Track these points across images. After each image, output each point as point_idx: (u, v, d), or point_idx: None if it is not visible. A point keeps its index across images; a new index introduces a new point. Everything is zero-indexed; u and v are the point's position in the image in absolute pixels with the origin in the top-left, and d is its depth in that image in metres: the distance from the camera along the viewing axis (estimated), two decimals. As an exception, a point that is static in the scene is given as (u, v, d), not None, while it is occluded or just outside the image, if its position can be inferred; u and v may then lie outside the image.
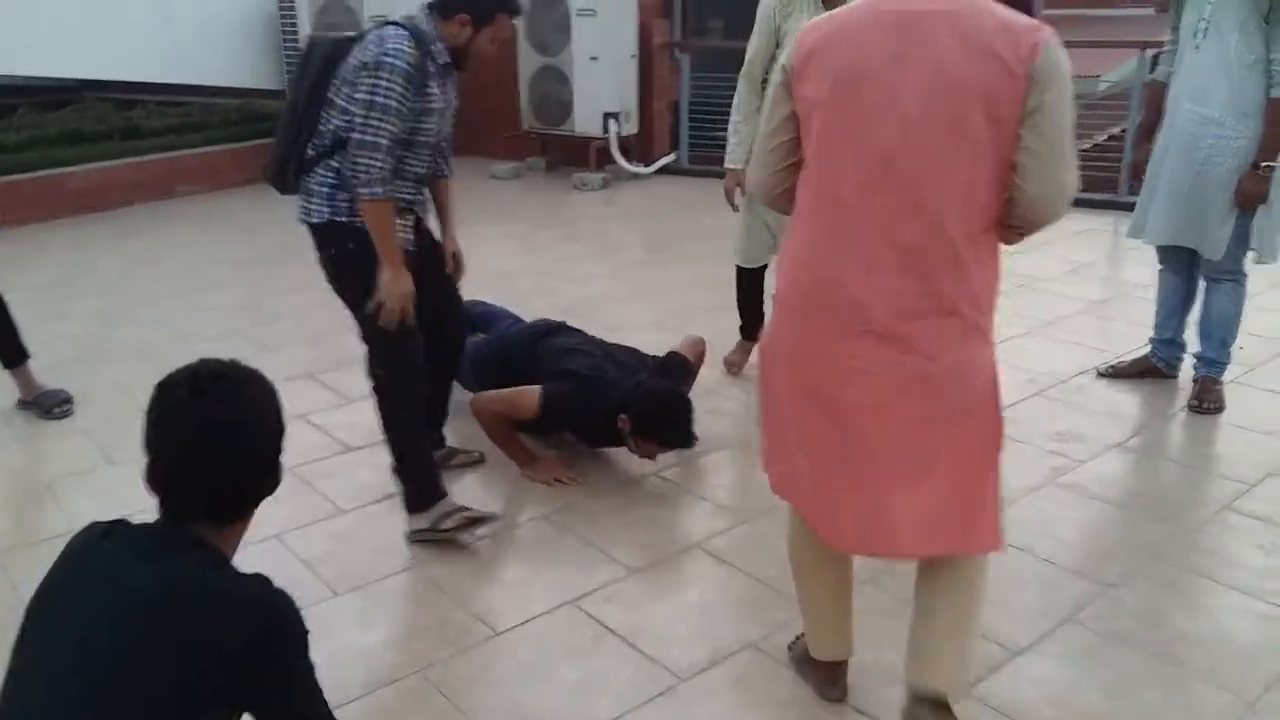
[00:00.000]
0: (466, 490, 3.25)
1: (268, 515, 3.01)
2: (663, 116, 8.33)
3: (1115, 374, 3.89)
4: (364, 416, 3.78)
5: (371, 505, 3.18)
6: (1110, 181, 6.81)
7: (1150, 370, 3.84)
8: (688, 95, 8.19)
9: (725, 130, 3.89)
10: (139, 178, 7.37)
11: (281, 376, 4.19)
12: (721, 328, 4.48)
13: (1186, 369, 3.79)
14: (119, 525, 1.52)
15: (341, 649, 2.49)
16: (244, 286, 5.56)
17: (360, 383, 4.12)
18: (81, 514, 3.08)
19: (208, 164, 7.82)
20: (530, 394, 3.26)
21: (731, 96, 3.88)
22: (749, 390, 3.93)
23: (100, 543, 1.49)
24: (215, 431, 1.47)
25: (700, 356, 3.70)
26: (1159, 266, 3.80)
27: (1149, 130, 3.66)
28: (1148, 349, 3.88)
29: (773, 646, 2.45)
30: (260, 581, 1.46)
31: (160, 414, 1.49)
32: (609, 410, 3.19)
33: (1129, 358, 3.95)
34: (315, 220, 2.88)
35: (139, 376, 4.19)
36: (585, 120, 7.70)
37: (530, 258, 5.87)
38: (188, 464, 1.47)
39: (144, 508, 1.53)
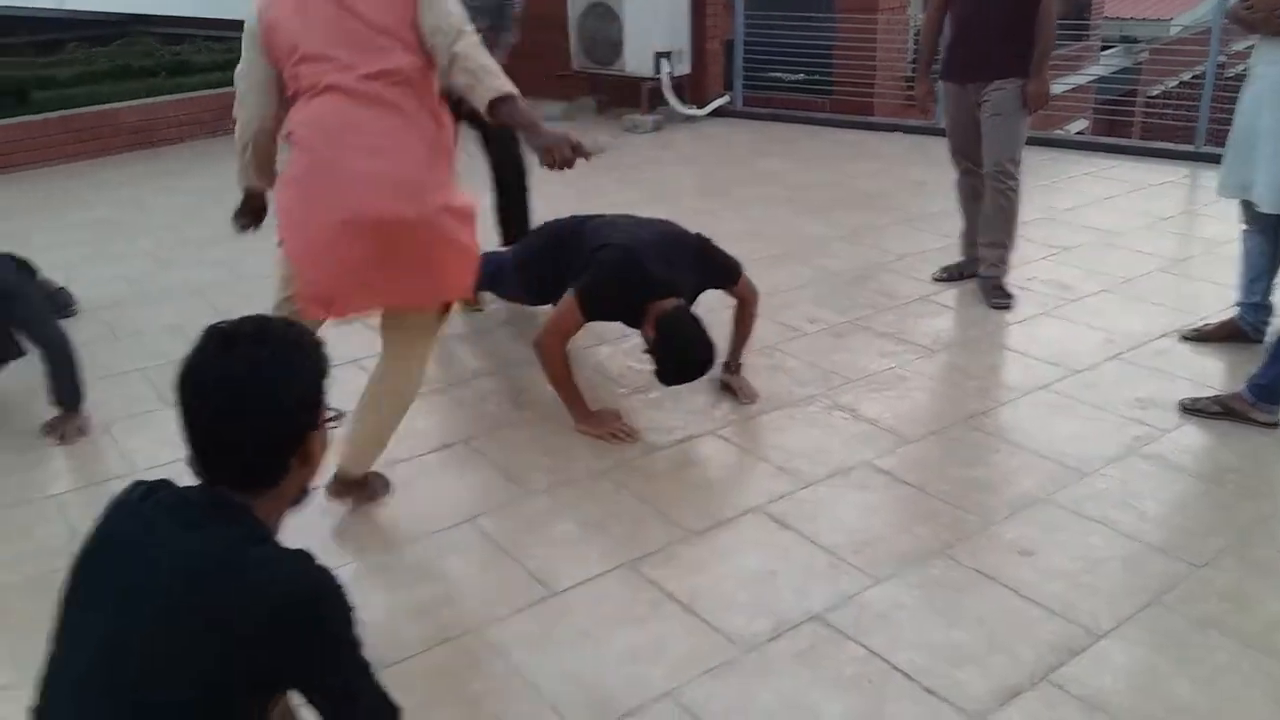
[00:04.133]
0: (523, 446, 3.18)
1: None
2: (716, 56, 8.09)
3: (1200, 338, 3.71)
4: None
5: (428, 455, 3.13)
6: (1187, 132, 6.51)
7: (1237, 334, 3.65)
8: (742, 34, 7.94)
9: (781, 70, 3.70)
10: (190, 114, 7.32)
11: (333, 323, 4.14)
12: (780, 278, 4.35)
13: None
14: (161, 487, 1.44)
15: (398, 603, 2.45)
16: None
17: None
18: (139, 455, 3.11)
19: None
20: (566, 303, 3.19)
21: (787, 35, 3.67)
22: (810, 347, 3.81)
23: (141, 505, 1.42)
24: (236, 388, 1.39)
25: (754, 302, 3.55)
26: (1243, 226, 3.60)
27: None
28: (1234, 311, 3.69)
29: (840, 619, 2.36)
30: (301, 558, 1.38)
31: (185, 370, 1.42)
32: (641, 305, 3.15)
33: (1214, 321, 3.76)
34: None
35: (194, 317, 4.17)
36: (636, 60, 7.50)
37: (581, 202, 5.73)
38: (214, 427, 1.39)
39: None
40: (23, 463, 3.11)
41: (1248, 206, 3.47)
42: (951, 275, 4.36)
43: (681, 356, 3.10)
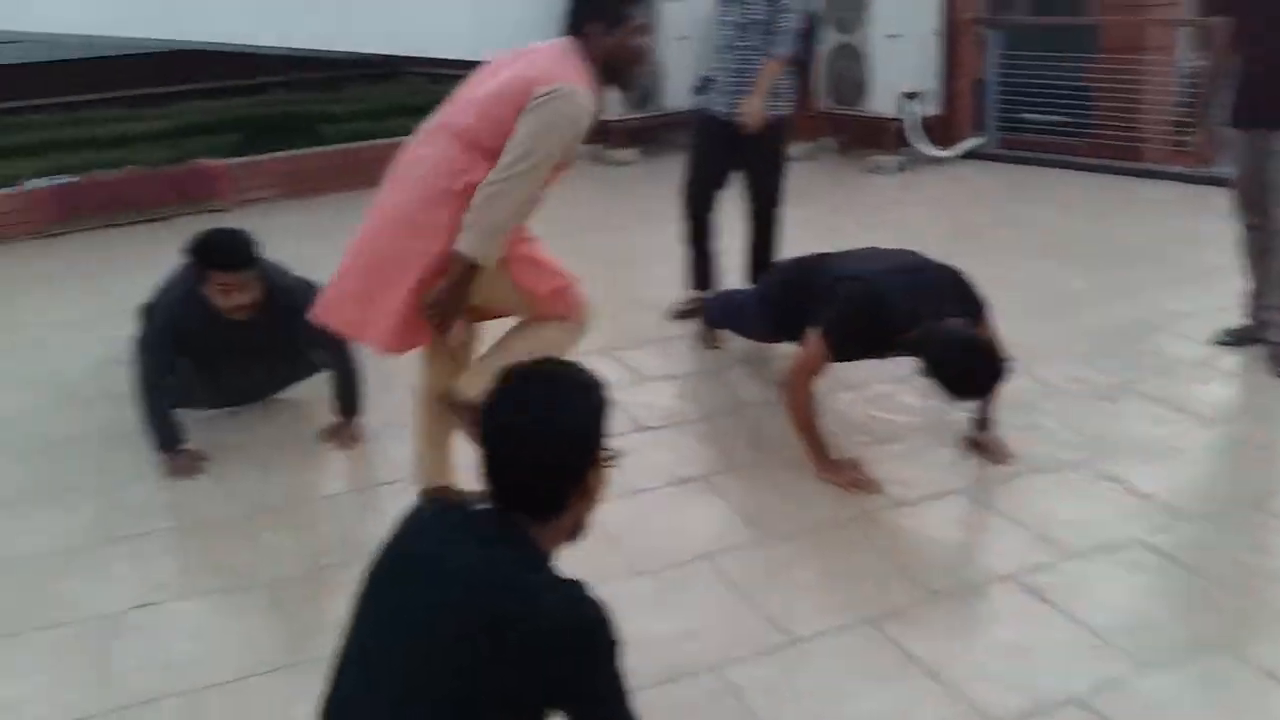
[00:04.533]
0: (762, 488, 3.16)
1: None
2: (966, 96, 7.84)
3: None
4: (661, 398, 3.81)
5: (667, 488, 3.17)
6: None
7: None
8: (995, 74, 7.66)
9: (1036, 112, 3.59)
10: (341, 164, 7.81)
11: (580, 352, 4.31)
12: (1036, 332, 4.12)
13: None
14: (454, 504, 1.56)
15: (637, 633, 2.44)
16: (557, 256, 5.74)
17: (656, 362, 4.20)
18: (404, 464, 3.32)
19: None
20: (812, 341, 3.13)
21: (1042, 74, 3.55)
22: (1071, 409, 3.58)
23: (435, 520, 1.53)
24: (527, 426, 1.48)
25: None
26: None
27: None
28: None
29: (1106, 706, 2.18)
30: (577, 588, 1.44)
31: (488, 404, 1.53)
32: (889, 337, 3.05)
33: None
34: None
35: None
36: (882, 100, 7.38)
37: (826, 246, 5.67)
38: (503, 454, 1.49)
39: (460, 462, 1.55)
40: (304, 464, 3.40)
41: None
42: (1235, 339, 3.98)
43: (966, 360, 2.89)
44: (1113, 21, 7.55)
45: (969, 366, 2.90)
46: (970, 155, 7.70)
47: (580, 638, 1.39)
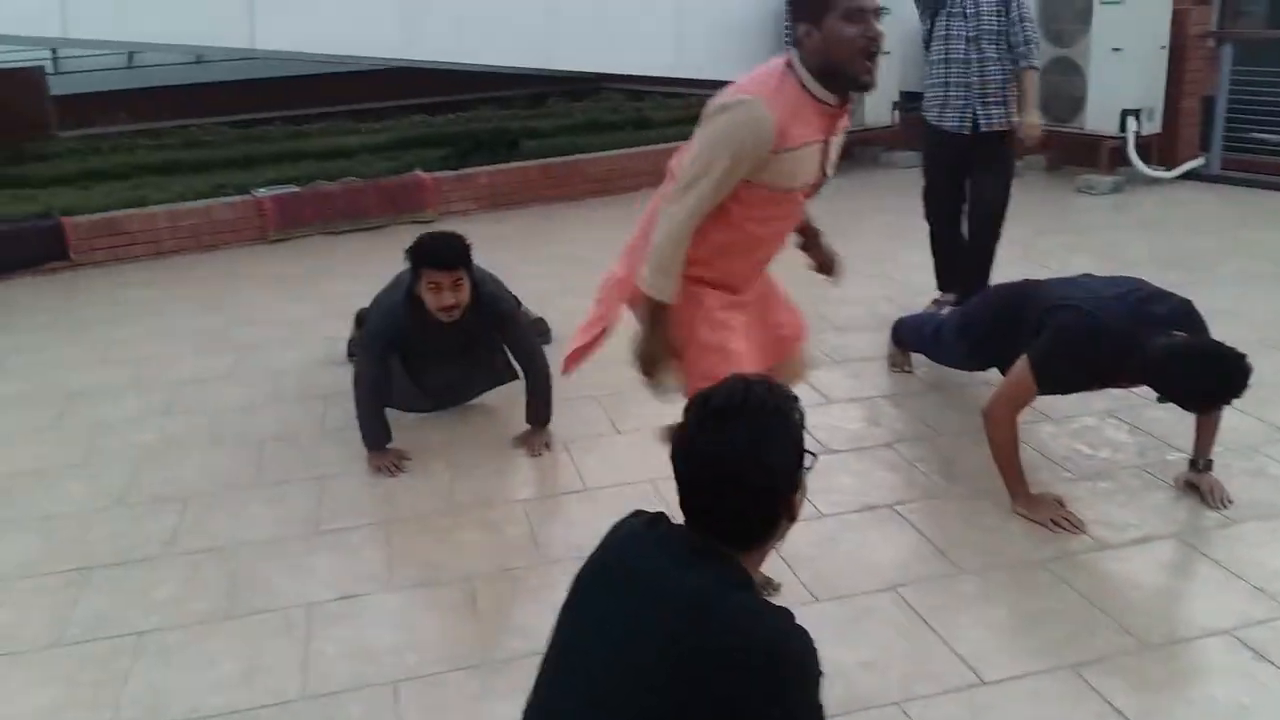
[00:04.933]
0: (952, 519, 3.05)
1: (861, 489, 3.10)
2: (1191, 115, 7.32)
3: None
4: (847, 421, 3.74)
5: (851, 514, 3.10)
6: None
7: None
8: (1226, 91, 7.11)
9: (1268, 131, 3.33)
10: (645, 165, 7.97)
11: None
12: (1267, 368, 3.79)
13: None
14: (661, 520, 1.56)
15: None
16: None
17: (844, 383, 4.13)
18: (590, 474, 3.41)
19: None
20: (1019, 371, 2.98)
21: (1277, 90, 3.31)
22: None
23: (645, 535, 1.54)
24: (727, 463, 1.44)
25: None
26: None
27: None
28: None
29: (1339, 782, 1.99)
30: (785, 616, 1.43)
31: (679, 436, 1.50)
32: (1105, 371, 2.90)
33: None
34: None
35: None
36: (1099, 117, 7.01)
37: (1031, 267, 5.43)
38: (697, 489, 1.47)
39: (643, 476, 1.57)
40: (497, 468, 3.53)
41: None
42: None
43: (1210, 364, 2.70)
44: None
45: (1215, 369, 2.68)
46: (1190, 176, 7.20)
47: (787, 667, 1.38)
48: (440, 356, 3.68)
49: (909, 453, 3.49)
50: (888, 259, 5.92)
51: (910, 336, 4.08)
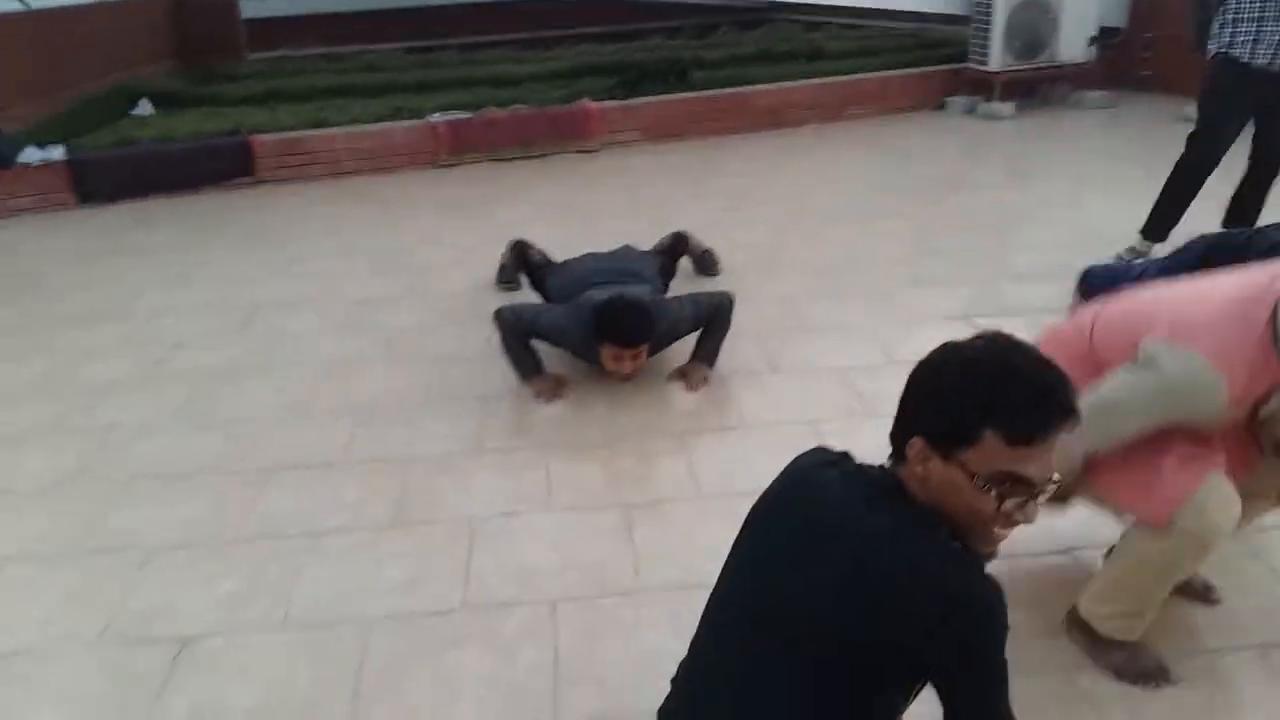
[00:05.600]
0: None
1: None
2: None
3: None
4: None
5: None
6: None
7: None
8: None
9: None
10: (817, 98, 7.75)
11: (941, 315, 4.11)
12: None
13: None
14: (846, 460, 1.53)
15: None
16: (912, 216, 5.54)
17: (1016, 333, 3.87)
18: (748, 411, 3.37)
19: (881, 89, 7.95)
20: None
21: None
22: None
23: (827, 473, 1.51)
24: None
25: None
26: None
27: None
28: None
29: None
30: (972, 567, 1.37)
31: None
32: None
33: None
34: None
35: (803, 291, 4.43)
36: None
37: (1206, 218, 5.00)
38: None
39: (802, 416, 1.51)
40: (654, 401, 3.53)
41: None
42: None
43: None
44: None
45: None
46: None
47: (968, 618, 1.33)
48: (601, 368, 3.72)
49: (1090, 410, 3.28)
50: (1075, 205, 5.57)
51: (1103, 287, 3.81)
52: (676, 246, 4.49)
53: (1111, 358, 1.98)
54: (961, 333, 4.10)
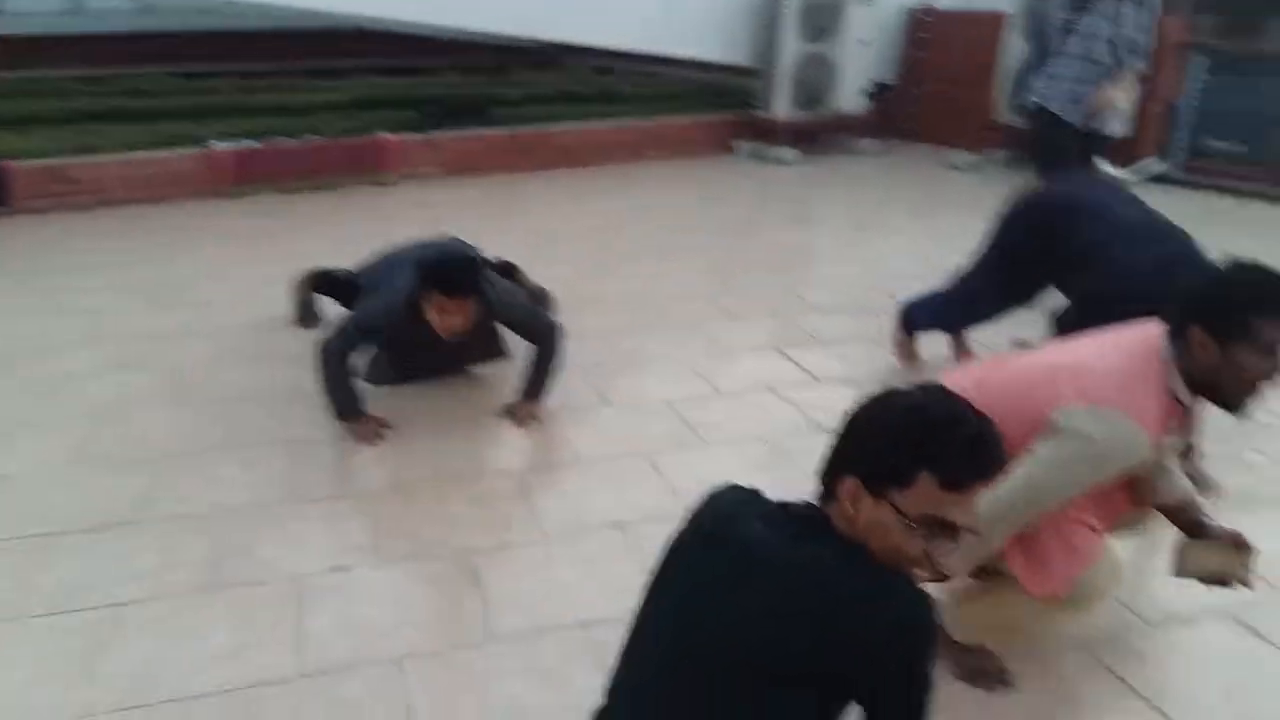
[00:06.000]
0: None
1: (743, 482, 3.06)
2: (1158, 120, 7.45)
3: None
4: (836, 399, 3.68)
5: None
6: None
7: None
8: (1193, 98, 7.27)
9: (1230, 140, 3.70)
10: (616, 140, 7.86)
11: (751, 346, 4.21)
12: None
13: None
14: (760, 496, 1.54)
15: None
16: (711, 254, 5.70)
17: (826, 363, 4.09)
18: (582, 446, 3.31)
19: (675, 132, 8.17)
20: None
21: (1244, 101, 3.62)
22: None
23: (744, 509, 1.50)
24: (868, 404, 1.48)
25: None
26: None
27: None
28: None
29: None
30: (906, 585, 1.39)
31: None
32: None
33: None
34: None
35: (621, 325, 4.44)
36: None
37: (924, 259, 5.43)
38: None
39: (638, 448, 1.52)
40: (484, 439, 3.41)
41: None
42: None
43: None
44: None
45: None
46: (1158, 180, 7.35)
47: (907, 637, 1.35)
48: (430, 350, 3.55)
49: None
50: (858, 245, 5.91)
51: (922, 314, 4.01)
52: (505, 272, 4.34)
53: (1008, 430, 1.90)
54: (773, 362, 4.27)
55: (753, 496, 1.54)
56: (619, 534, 2.83)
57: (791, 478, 3.08)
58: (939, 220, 6.33)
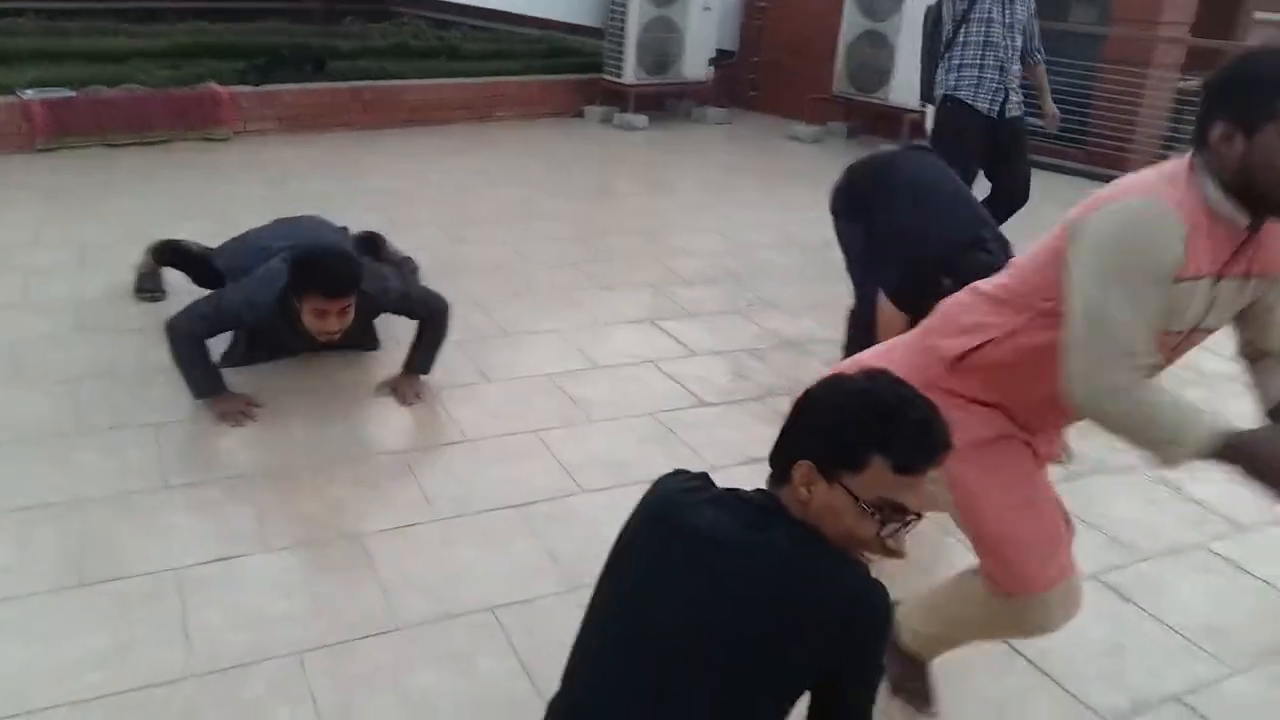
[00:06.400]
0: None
1: (634, 459, 3.15)
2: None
3: None
4: (714, 372, 3.77)
5: (739, 466, 3.14)
6: None
7: None
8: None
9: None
10: (464, 98, 7.66)
11: (626, 319, 4.20)
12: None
13: None
14: (708, 483, 1.55)
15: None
16: (572, 220, 5.67)
17: (700, 336, 4.16)
18: (468, 424, 3.24)
19: (524, 93, 8.04)
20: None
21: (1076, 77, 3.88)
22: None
23: (693, 497, 1.51)
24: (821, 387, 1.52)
25: None
26: None
27: None
28: None
29: (1202, 705, 2.26)
30: (861, 569, 1.43)
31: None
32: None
33: None
34: None
35: (495, 292, 4.35)
36: (905, 90, 7.39)
37: (781, 230, 5.66)
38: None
39: (525, 426, 1.52)
40: (364, 419, 3.29)
41: None
42: None
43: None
44: (1118, 34, 7.62)
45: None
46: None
47: (867, 619, 1.39)
48: (299, 344, 3.39)
49: (782, 406, 3.53)
50: (717, 214, 6.01)
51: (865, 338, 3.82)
52: (371, 246, 4.11)
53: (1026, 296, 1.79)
54: (651, 335, 4.27)
55: (702, 482, 1.55)
56: (515, 514, 2.81)
57: (681, 454, 3.17)
58: (787, 192, 6.51)
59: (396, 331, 3.65)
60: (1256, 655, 2.45)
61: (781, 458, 1.50)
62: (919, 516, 1.47)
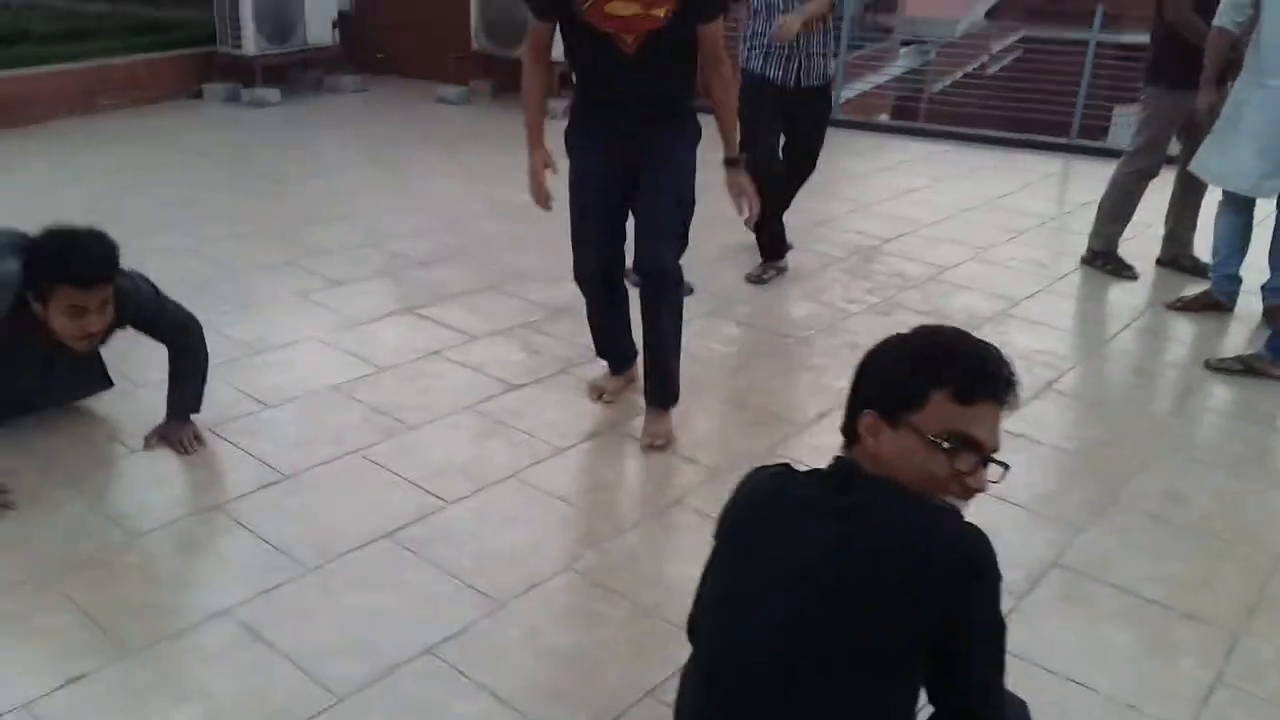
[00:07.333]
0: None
1: (480, 456, 2.94)
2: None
3: (1181, 307, 4.28)
4: (504, 353, 3.62)
5: (582, 443, 3.07)
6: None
7: (1213, 304, 4.23)
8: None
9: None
10: (60, 89, 6.60)
11: (385, 312, 3.90)
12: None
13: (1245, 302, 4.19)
14: (792, 470, 1.55)
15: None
16: (251, 215, 5.12)
17: (473, 319, 3.90)
18: (275, 458, 2.85)
19: (131, 76, 7.04)
20: None
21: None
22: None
23: (780, 484, 1.51)
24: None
25: None
26: (1221, 209, 4.16)
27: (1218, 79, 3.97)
28: (1209, 284, 4.28)
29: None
30: (957, 518, 1.42)
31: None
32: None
33: (1192, 293, 4.34)
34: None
35: (213, 308, 3.74)
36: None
37: (485, 197, 5.51)
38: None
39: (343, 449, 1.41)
40: (146, 480, 2.78)
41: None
42: None
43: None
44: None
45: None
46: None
47: (969, 569, 1.37)
48: (20, 365, 2.76)
49: (588, 374, 3.47)
50: (412, 190, 5.72)
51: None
52: None
53: None
54: (419, 325, 4.00)
55: (783, 470, 1.54)
56: (389, 544, 2.54)
57: (522, 442, 3.02)
58: (469, 157, 6.35)
59: (126, 368, 3.12)
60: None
61: (849, 420, 1.50)
62: (1001, 463, 1.46)
